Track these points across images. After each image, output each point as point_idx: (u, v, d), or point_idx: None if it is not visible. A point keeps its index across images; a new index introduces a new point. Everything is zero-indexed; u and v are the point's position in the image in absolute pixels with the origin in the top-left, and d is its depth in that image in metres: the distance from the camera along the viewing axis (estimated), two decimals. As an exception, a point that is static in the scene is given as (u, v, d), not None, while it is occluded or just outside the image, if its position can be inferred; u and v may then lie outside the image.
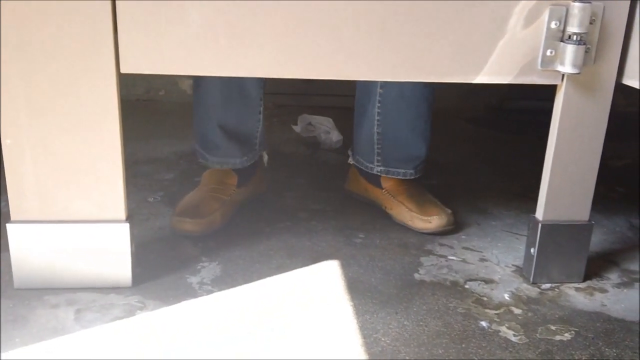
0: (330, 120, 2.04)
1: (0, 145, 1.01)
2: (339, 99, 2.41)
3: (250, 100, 1.37)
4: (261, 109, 1.41)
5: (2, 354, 0.91)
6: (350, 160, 1.53)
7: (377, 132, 1.42)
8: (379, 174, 1.45)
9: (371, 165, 1.46)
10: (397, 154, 1.43)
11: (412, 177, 1.44)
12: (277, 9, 0.98)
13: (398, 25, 1.02)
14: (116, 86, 0.99)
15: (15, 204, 1.04)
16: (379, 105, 1.40)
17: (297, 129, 2.07)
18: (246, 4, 0.97)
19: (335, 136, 1.97)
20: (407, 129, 1.40)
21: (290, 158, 1.87)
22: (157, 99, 2.43)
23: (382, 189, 1.45)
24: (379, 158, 1.44)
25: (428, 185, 1.47)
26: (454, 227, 1.38)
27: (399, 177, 1.44)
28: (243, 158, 1.42)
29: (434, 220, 1.35)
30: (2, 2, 0.93)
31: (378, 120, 1.40)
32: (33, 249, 1.06)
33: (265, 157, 1.53)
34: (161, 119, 2.21)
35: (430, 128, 1.42)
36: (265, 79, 1.37)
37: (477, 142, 2.13)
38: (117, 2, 0.95)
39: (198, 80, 1.37)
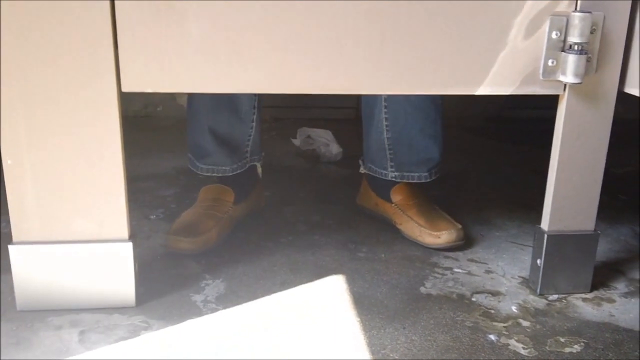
0: (330, 132, 2.03)
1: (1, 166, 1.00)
2: (337, 111, 2.41)
3: (240, 105, 1.36)
4: (254, 117, 1.38)
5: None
6: (362, 170, 1.51)
7: (387, 137, 1.40)
8: (393, 179, 1.43)
9: (385, 172, 1.44)
10: (409, 158, 1.41)
11: (427, 181, 1.42)
12: (276, 24, 0.98)
13: (398, 38, 1.01)
14: (117, 105, 0.99)
15: (17, 225, 1.03)
16: (385, 110, 1.38)
17: (296, 142, 2.06)
18: (246, 19, 0.97)
19: (334, 148, 1.97)
20: (417, 131, 1.38)
21: (290, 171, 1.86)
22: (155, 115, 2.42)
23: (392, 203, 1.44)
24: (392, 163, 1.42)
25: (428, 196, 1.46)
26: (464, 243, 1.36)
27: (413, 180, 1.42)
28: (233, 166, 1.39)
29: (443, 236, 1.34)
30: (1, 19, 0.93)
31: (387, 125, 1.39)
32: (35, 270, 1.04)
33: (259, 169, 1.50)
34: (159, 134, 2.20)
35: (441, 130, 1.40)
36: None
37: (477, 152, 2.12)
38: (117, 20, 0.95)
39: None
